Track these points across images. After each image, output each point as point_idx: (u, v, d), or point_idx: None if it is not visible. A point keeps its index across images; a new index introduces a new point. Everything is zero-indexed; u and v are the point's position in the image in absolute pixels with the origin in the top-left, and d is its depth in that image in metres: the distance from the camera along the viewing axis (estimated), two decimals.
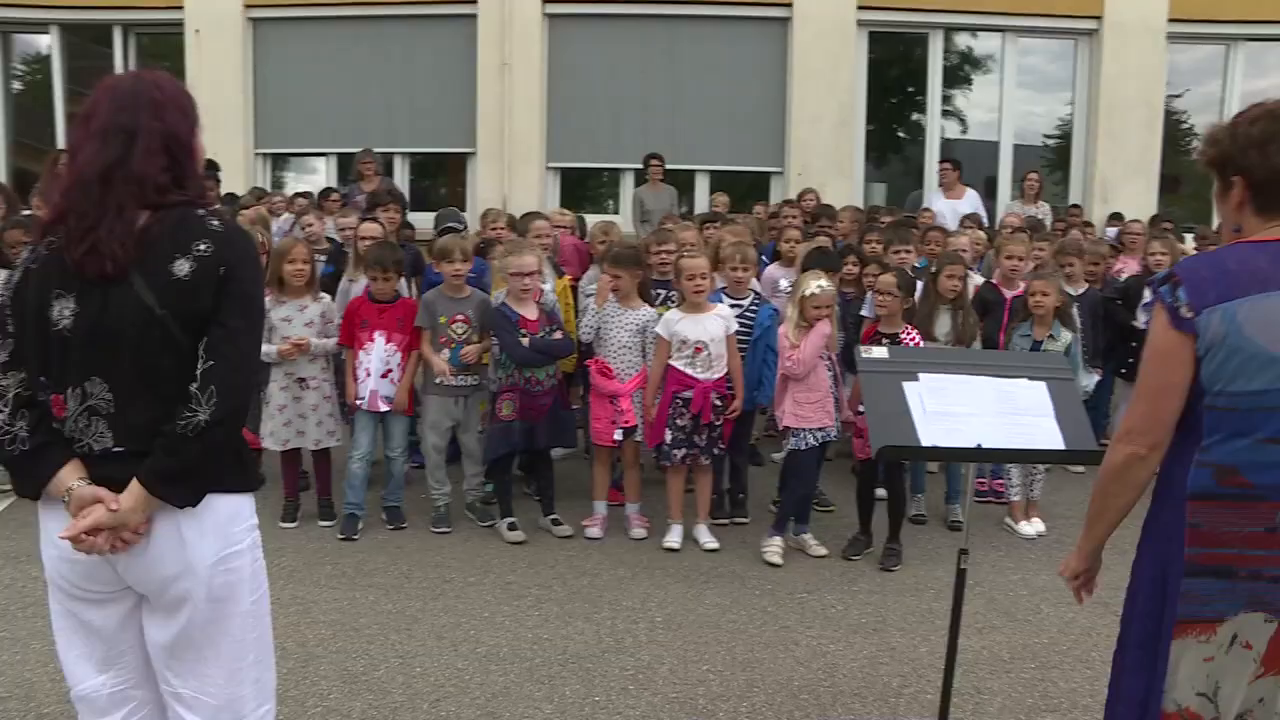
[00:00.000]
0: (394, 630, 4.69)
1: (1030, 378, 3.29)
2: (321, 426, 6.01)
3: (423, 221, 9.30)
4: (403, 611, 4.90)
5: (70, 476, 2.29)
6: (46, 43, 13.30)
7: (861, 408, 5.24)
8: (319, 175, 12.89)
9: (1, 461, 2.46)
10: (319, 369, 6.00)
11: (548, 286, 6.29)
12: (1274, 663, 2.27)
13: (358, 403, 5.96)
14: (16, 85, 13.74)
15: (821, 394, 5.71)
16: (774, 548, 5.73)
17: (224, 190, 10.54)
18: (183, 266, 2.27)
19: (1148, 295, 6.64)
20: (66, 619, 2.47)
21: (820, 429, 5.73)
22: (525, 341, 5.75)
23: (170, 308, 2.26)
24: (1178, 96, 12.58)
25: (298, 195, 10.44)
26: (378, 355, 5.93)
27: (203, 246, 2.29)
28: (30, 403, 2.33)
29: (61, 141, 12.57)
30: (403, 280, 6.47)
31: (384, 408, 5.96)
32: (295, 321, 5.96)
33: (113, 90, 2.38)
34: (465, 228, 8.08)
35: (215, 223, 2.36)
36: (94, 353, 2.28)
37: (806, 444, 5.74)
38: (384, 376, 5.94)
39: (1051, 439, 3.17)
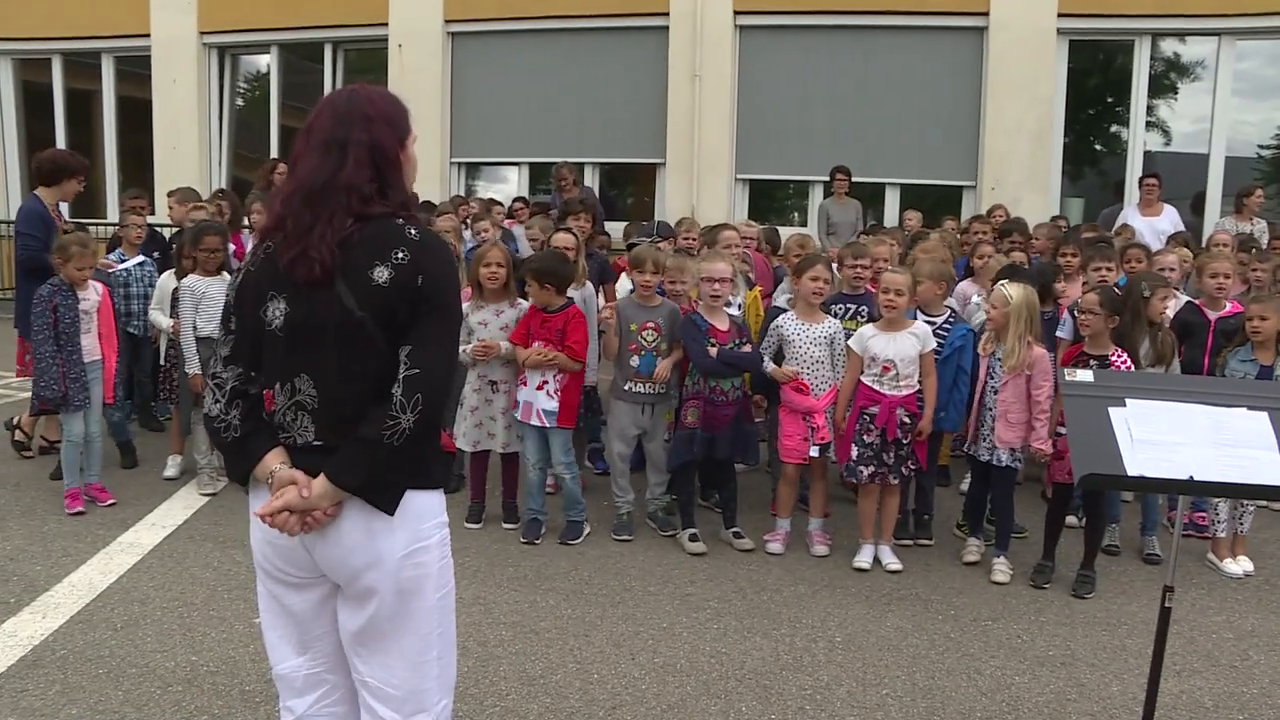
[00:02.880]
0: (572, 635, 4.75)
1: (1250, 407, 3.10)
2: (510, 430, 6.13)
3: (613, 231, 9.47)
4: (582, 617, 4.96)
5: (274, 461, 2.44)
6: (266, 62, 14.20)
7: (1063, 429, 5.07)
8: (510, 184, 13.26)
9: (216, 446, 2.68)
10: (511, 373, 6.11)
11: (738, 299, 6.27)
12: None
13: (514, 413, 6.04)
14: (239, 102, 14.68)
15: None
16: (1001, 566, 5.70)
17: (422, 198, 10.95)
18: (382, 274, 2.37)
19: None
20: (269, 601, 2.62)
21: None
22: (713, 352, 5.75)
23: (370, 310, 2.36)
24: None
25: (493, 201, 10.73)
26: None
27: (400, 255, 2.39)
28: (244, 395, 2.51)
29: (275, 152, 13.34)
30: (589, 287, 6.58)
31: (536, 422, 5.96)
32: (491, 325, 6.10)
33: (331, 105, 2.51)
34: (665, 238, 8.16)
35: (413, 231, 2.45)
36: (302, 352, 2.42)
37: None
38: (539, 389, 5.95)
39: (1274, 473, 2.97)
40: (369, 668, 2.55)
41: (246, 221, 8.55)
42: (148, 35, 14.06)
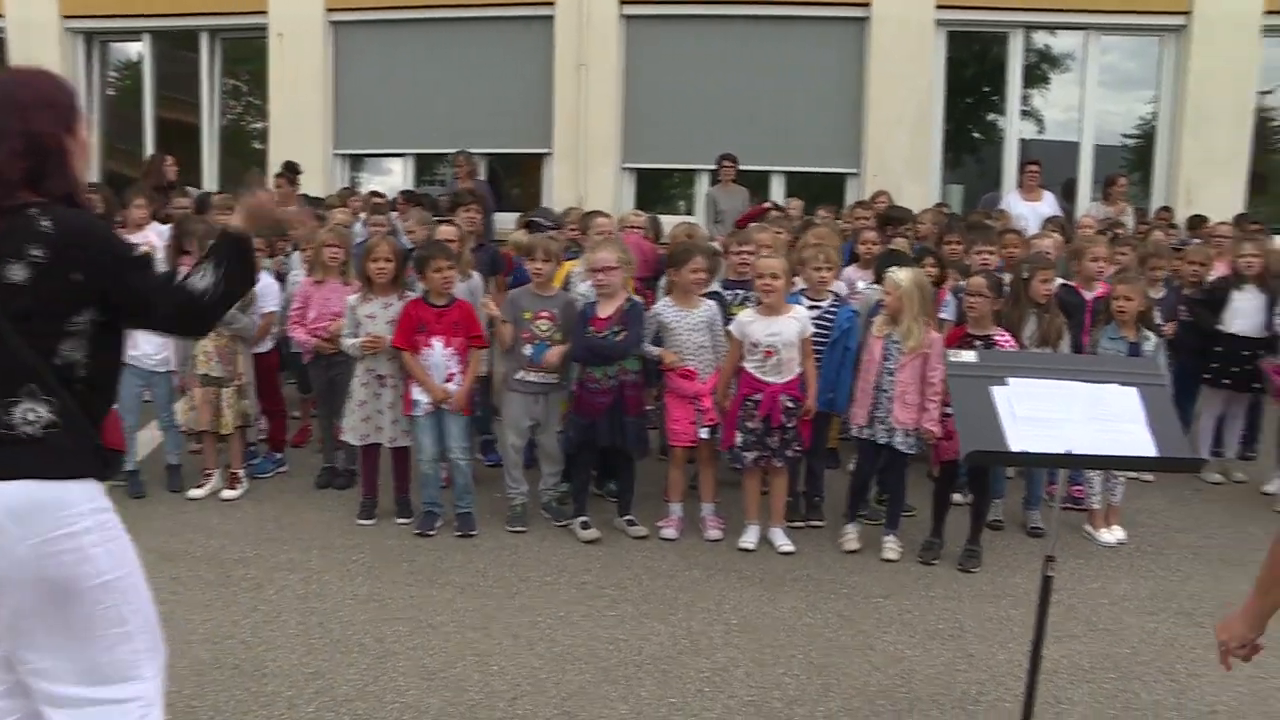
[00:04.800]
0: (470, 628, 4.73)
1: (1122, 383, 3.23)
2: (398, 425, 6.06)
3: (500, 222, 9.41)
4: (479, 610, 4.93)
5: None
6: (138, 50, 13.71)
7: (949, 410, 5.21)
8: (394, 176, 13.07)
9: None
10: (398, 367, 6.04)
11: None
12: None
13: (421, 409, 5.98)
14: (110, 91, 14.16)
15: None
16: (891, 544, 5.83)
17: (303, 191, 10.74)
18: (18, 272, 2.34)
19: None
20: None
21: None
22: (585, 338, 5.80)
23: (8, 309, 2.34)
24: (1269, 93, 12.25)
25: (375, 194, 10.58)
26: (437, 361, 5.91)
27: (38, 253, 2.34)
28: None
29: (151, 144, 12.93)
30: (477, 279, 6.54)
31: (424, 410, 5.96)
32: (380, 318, 6.03)
33: None
34: (553, 226, 8.14)
35: (46, 223, 2.37)
36: None
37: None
38: (446, 382, 5.92)
39: (1143, 446, 3.11)
40: (38, 655, 2.45)
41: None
42: (1, 17, 13.36)
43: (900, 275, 5.72)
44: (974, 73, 12.62)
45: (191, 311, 2.51)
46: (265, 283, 6.73)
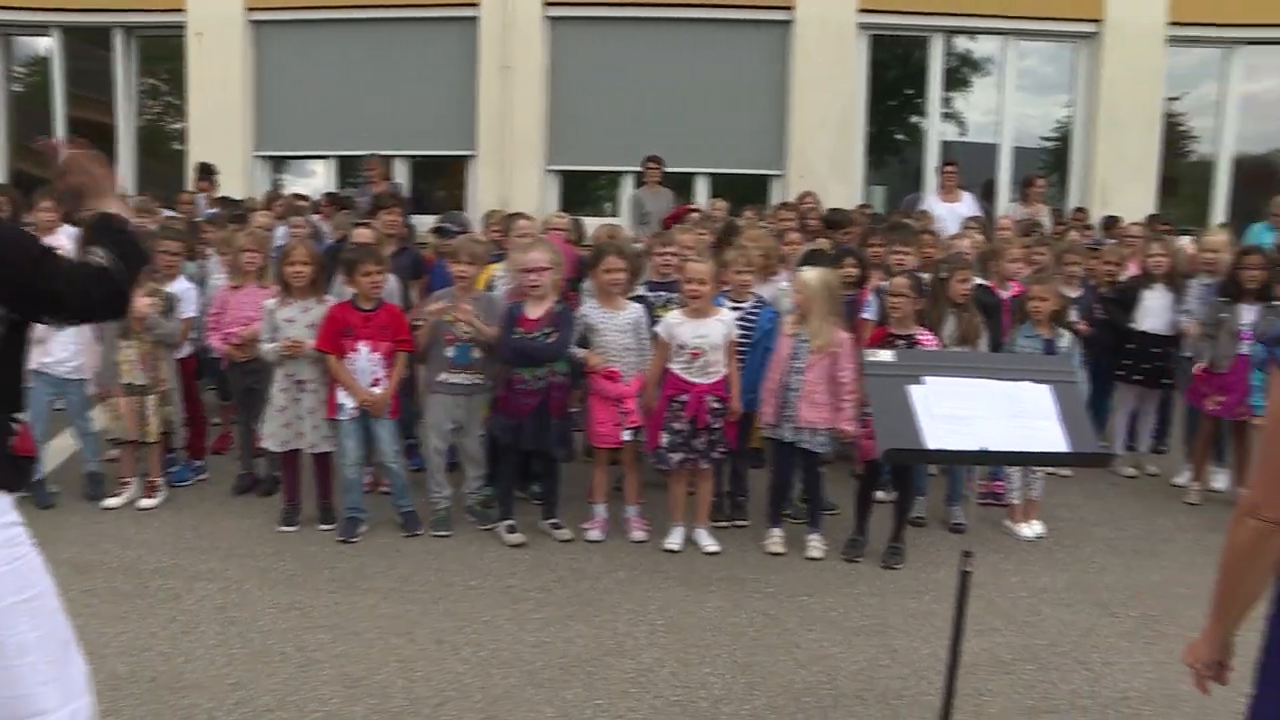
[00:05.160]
0: (394, 634, 4.68)
1: (1034, 380, 3.29)
2: (318, 430, 5.99)
3: (425, 224, 9.32)
4: (403, 616, 4.89)
5: None
6: (46, 45, 13.33)
7: (868, 409, 5.26)
8: (318, 178, 12.90)
9: None
10: (319, 372, 5.97)
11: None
12: None
13: (346, 414, 5.92)
14: (17, 87, 13.76)
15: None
16: (815, 543, 5.88)
17: (222, 193, 10.57)
18: None
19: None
20: None
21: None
22: (514, 339, 5.76)
23: None
24: (1176, 99, 12.62)
25: (298, 197, 10.44)
26: (363, 366, 5.86)
27: None
28: None
29: None
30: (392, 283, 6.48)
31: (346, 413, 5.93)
32: (299, 322, 5.95)
33: None
34: (461, 230, 8.07)
35: None
36: None
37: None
38: (372, 386, 5.88)
39: (1055, 441, 3.17)
40: None
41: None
42: None
43: (808, 275, 5.79)
44: (896, 76, 12.79)
45: (104, 289, 2.45)
46: (184, 288, 6.61)
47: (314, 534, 5.98)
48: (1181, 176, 12.86)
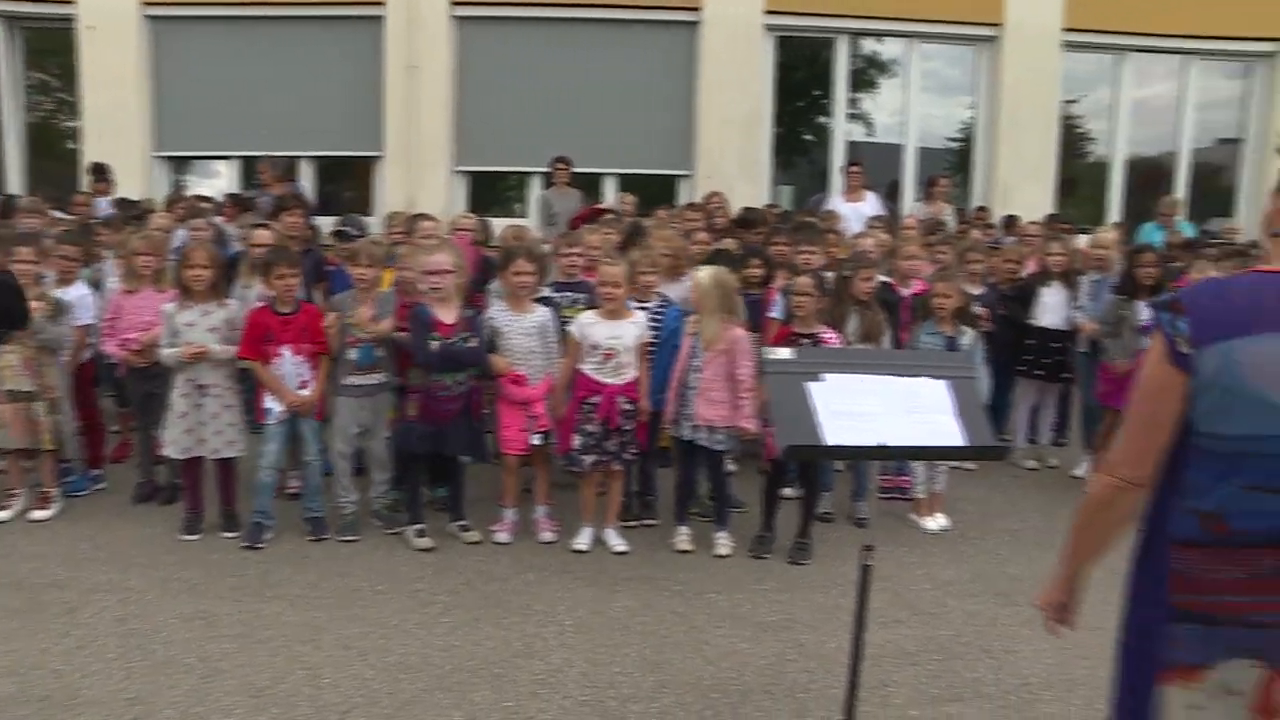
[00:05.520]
0: (300, 642, 4.60)
1: (932, 376, 3.35)
2: (222, 436, 5.87)
3: (330, 226, 9.17)
4: (309, 622, 4.81)
5: None
6: None
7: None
8: (222, 179, 12.62)
9: None
10: (221, 376, 5.86)
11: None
12: (1265, 709, 2.16)
13: (274, 418, 5.84)
14: None
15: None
16: (723, 540, 5.91)
17: (119, 194, 10.28)
18: None
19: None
20: None
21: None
22: (434, 346, 5.70)
23: None
24: (1073, 102, 12.99)
25: (201, 198, 10.21)
26: (288, 370, 5.79)
27: None
28: None
29: None
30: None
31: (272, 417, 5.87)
32: (199, 326, 5.82)
33: None
34: (360, 233, 7.96)
35: None
36: None
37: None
38: (299, 389, 5.83)
39: (952, 436, 3.23)
40: None
41: None
42: None
43: (701, 274, 5.84)
44: (804, 77, 12.94)
45: None
46: (79, 293, 6.44)
47: (217, 541, 5.85)
48: (1079, 177, 13.26)
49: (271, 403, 5.81)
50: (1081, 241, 8.94)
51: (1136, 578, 2.32)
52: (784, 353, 3.36)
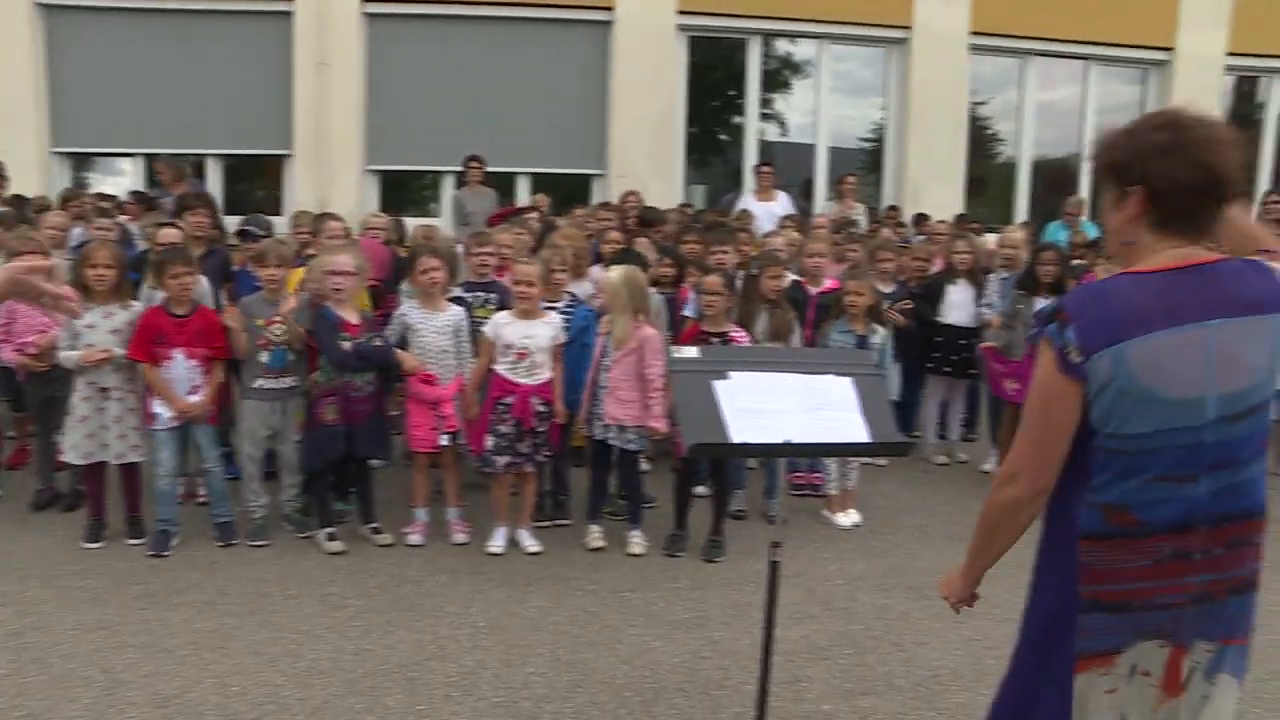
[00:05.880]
0: (208, 649, 4.52)
1: (837, 374, 3.40)
2: (125, 440, 5.73)
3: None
4: (218, 630, 4.72)
5: None
6: None
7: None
8: (125, 177, 12.31)
9: None
10: (124, 379, 5.72)
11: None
12: (1172, 685, 2.24)
13: (163, 423, 5.71)
14: None
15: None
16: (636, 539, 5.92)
17: (13, 191, 9.93)
18: None
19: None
20: None
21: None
22: (347, 345, 5.63)
23: None
24: (982, 104, 13.27)
25: (102, 196, 9.94)
26: (179, 374, 5.67)
27: None
28: None
29: None
30: (204, 286, 6.25)
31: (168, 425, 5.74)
32: (100, 328, 5.67)
33: None
34: (265, 233, 7.82)
35: None
36: None
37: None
38: (190, 394, 5.70)
39: (857, 433, 3.27)
40: None
41: None
42: None
43: (610, 273, 5.85)
44: (718, 77, 13.03)
45: None
46: None
47: (122, 549, 5.71)
48: (988, 177, 13.54)
49: (160, 408, 5.68)
50: (990, 240, 9.14)
51: (1045, 573, 2.38)
52: (690, 351, 3.38)
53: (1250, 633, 2.32)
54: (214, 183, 11.81)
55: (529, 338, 5.75)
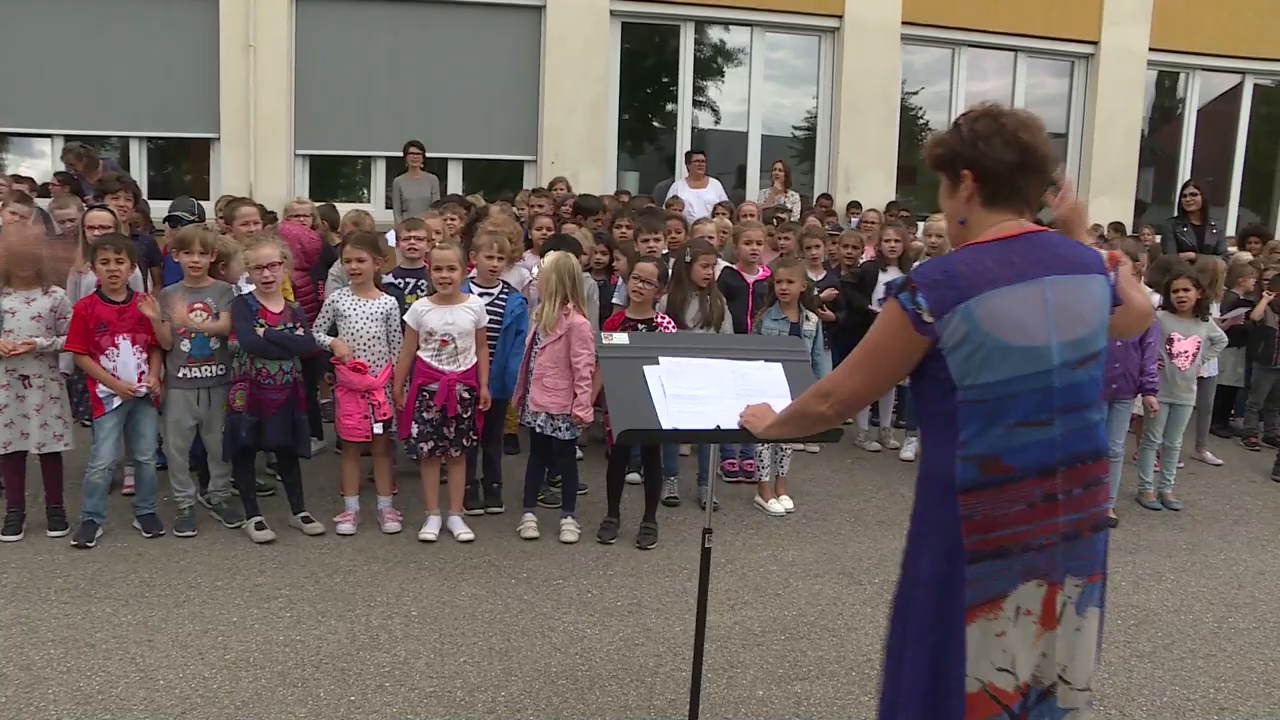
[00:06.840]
0: (133, 643, 4.44)
1: (767, 360, 3.41)
2: (47, 429, 5.60)
3: (162, 211, 8.80)
4: (144, 623, 4.64)
5: None
6: None
7: None
8: (45, 160, 11.98)
9: None
10: (45, 366, 5.59)
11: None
12: (1048, 620, 2.41)
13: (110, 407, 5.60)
14: None
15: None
16: (569, 526, 5.93)
17: None
18: None
19: (881, 293, 7.02)
20: None
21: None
22: (260, 331, 5.56)
23: None
24: (913, 94, 13.42)
25: (16, 178, 9.65)
26: (127, 362, 5.57)
27: None
28: None
29: None
30: (136, 272, 6.12)
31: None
32: (21, 314, 5.54)
33: None
34: (196, 217, 7.67)
35: None
36: None
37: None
38: (139, 378, 5.63)
39: None
40: None
41: None
42: None
43: (546, 259, 5.84)
44: (652, 64, 13.01)
45: None
46: None
47: (43, 541, 5.58)
48: (919, 165, 13.67)
49: (104, 392, 5.57)
50: (921, 228, 9.25)
51: (927, 532, 2.50)
52: (620, 338, 3.38)
53: (1106, 568, 2.54)
54: (139, 166, 11.54)
55: (450, 324, 5.72)
